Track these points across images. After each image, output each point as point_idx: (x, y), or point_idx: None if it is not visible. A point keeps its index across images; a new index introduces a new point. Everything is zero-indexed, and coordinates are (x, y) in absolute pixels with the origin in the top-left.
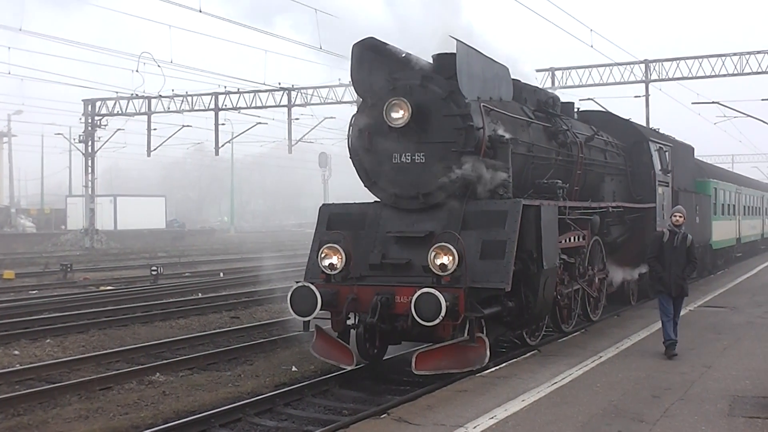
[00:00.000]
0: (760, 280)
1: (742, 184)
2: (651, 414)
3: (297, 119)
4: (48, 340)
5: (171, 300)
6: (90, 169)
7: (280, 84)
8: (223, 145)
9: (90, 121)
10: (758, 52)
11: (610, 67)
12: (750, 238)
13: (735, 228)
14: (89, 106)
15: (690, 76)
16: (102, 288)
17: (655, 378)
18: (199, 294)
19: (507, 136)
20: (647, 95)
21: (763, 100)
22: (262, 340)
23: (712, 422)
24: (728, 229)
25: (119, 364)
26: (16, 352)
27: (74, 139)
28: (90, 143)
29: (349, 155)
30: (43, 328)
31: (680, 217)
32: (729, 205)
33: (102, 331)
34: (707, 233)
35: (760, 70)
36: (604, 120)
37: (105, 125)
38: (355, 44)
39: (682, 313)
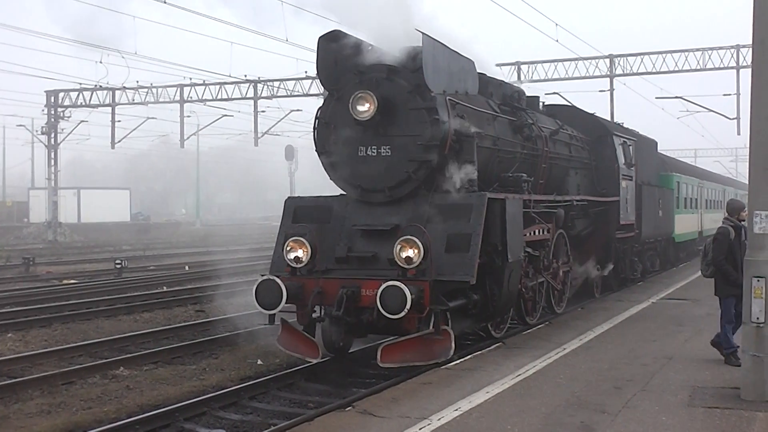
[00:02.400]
0: None
1: (704, 178)
2: (613, 405)
3: (263, 112)
4: (10, 335)
5: (135, 293)
6: (53, 161)
7: (246, 76)
8: (188, 138)
9: (53, 112)
10: (720, 48)
11: (576, 62)
12: (712, 231)
13: (697, 221)
14: (52, 98)
15: (654, 71)
16: (65, 281)
17: (618, 369)
18: (164, 287)
19: (472, 129)
20: (612, 90)
21: (724, 95)
22: (227, 334)
23: (672, 412)
24: (691, 223)
25: (82, 359)
26: None
27: (37, 131)
28: (53, 135)
29: (315, 148)
30: (5, 323)
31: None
32: (691, 198)
33: (65, 325)
34: (670, 226)
35: (722, 66)
36: (569, 114)
37: (68, 117)
38: (320, 37)
39: (643, 306)
